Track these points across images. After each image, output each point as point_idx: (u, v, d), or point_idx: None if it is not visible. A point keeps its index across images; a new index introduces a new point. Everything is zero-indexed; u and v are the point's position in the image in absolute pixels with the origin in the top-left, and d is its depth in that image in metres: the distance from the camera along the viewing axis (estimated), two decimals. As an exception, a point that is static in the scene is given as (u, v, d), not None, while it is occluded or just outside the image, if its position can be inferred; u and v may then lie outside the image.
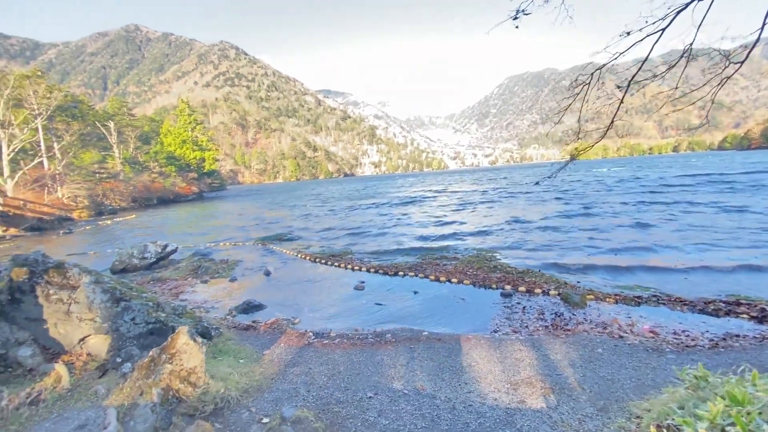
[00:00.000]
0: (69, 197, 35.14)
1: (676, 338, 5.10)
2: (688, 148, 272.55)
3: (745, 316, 5.63)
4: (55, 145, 37.22)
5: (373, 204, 31.87)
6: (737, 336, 5.01)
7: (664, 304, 6.36)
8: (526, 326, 5.85)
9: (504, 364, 4.65)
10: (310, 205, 35.66)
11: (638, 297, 6.64)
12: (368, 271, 9.65)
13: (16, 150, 30.28)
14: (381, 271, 9.46)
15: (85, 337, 4.04)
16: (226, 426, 3.64)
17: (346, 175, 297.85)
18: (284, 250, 13.11)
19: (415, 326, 6.21)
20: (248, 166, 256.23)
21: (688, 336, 5.16)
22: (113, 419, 3.19)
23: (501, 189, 36.58)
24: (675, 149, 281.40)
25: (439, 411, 3.74)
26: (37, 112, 32.57)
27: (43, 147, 34.64)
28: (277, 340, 5.89)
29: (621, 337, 5.19)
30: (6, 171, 28.72)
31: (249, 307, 7.69)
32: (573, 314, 6.16)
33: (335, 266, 10.44)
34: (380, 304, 7.38)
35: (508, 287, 7.72)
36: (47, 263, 4.07)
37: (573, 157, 4.92)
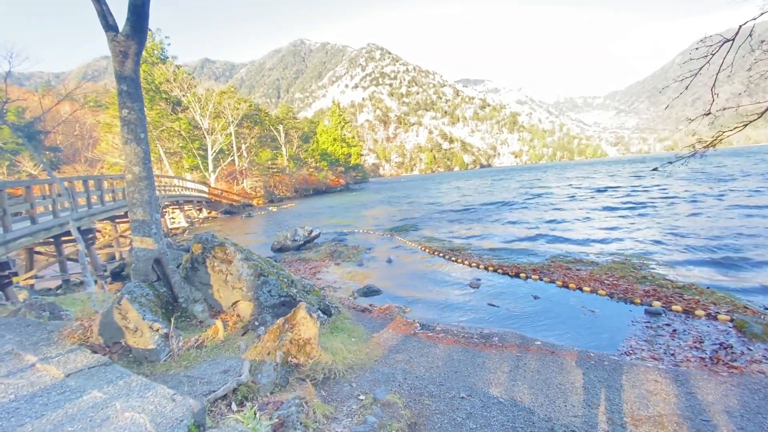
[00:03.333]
0: (251, 188, 43.90)
1: None
2: None
3: None
4: (242, 146, 46.88)
5: (502, 200, 30.14)
6: None
7: None
8: (672, 354, 4.78)
9: (629, 393, 3.94)
10: (438, 199, 35.93)
11: None
12: (486, 269, 9.29)
13: (217, 151, 39.49)
14: (500, 271, 8.99)
15: (236, 301, 5.16)
16: (329, 394, 4.12)
17: (482, 166, 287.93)
18: (407, 241, 13.68)
19: (528, 334, 5.75)
20: (388, 160, 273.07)
21: None
22: (246, 370, 3.97)
23: (673, 183, 29.77)
24: None
25: (533, 428, 3.45)
26: (230, 120, 41.61)
27: (234, 148, 44.12)
28: (386, 325, 6.29)
29: (825, 390, 3.76)
30: (210, 167, 37.88)
31: (369, 291, 8.38)
32: (748, 348, 4.74)
33: (453, 261, 10.39)
34: (493, 305, 7.06)
35: (657, 303, 6.39)
36: (214, 242, 5.34)
37: (710, 143, 3.74)
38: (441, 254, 11.11)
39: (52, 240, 10.77)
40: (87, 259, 9.72)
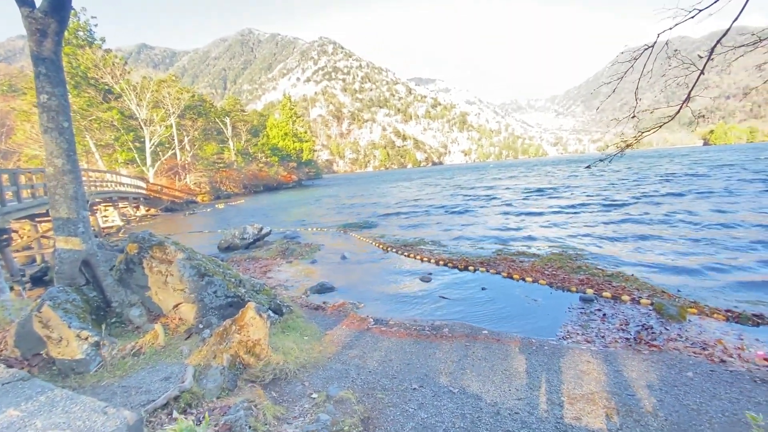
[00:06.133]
0: (195, 183, 41.46)
1: (805, 372, 4.07)
2: None
3: None
4: (185, 139, 44.05)
5: (452, 197, 31.19)
6: None
7: (797, 327, 5.10)
8: (603, 336, 5.24)
9: (566, 374, 4.25)
10: (391, 196, 36.37)
11: (758, 315, 5.42)
12: (437, 263, 9.56)
13: (156, 144, 36.72)
14: (450, 264, 9.29)
15: (178, 304, 4.85)
16: (280, 395, 4.02)
17: (434, 163, 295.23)
18: (361, 238, 13.69)
19: (476, 324, 6.01)
20: (342, 156, 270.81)
21: (825, 371, 4.07)
22: (190, 376, 3.76)
23: (603, 180, 32.61)
24: None
25: (481, 414, 3.61)
26: (171, 111, 38.88)
27: (176, 141, 41.33)
28: (340, 322, 6.25)
29: (723, 361, 4.32)
30: (149, 161, 35.17)
31: (322, 289, 8.27)
32: (665, 328, 5.31)
33: (405, 256, 10.57)
34: (444, 298, 7.29)
35: (589, 291, 6.96)
36: (152, 241, 4.96)
37: (629, 144, 4.19)
38: (394, 250, 11.24)
39: (-46, 242, 9.43)
40: (1, 263, 8.63)
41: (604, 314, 5.98)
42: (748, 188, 19.92)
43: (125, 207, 26.98)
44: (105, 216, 23.80)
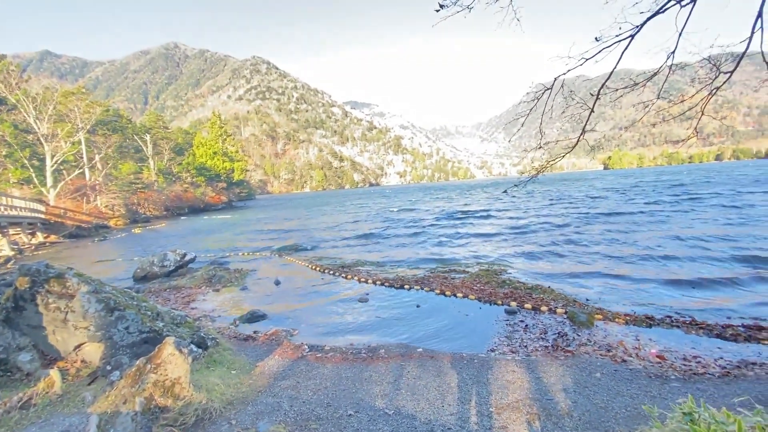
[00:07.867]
0: (106, 206, 37.25)
1: (685, 365, 4.76)
2: (732, 157, 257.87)
3: (766, 342, 5.19)
4: (96, 156, 39.66)
5: (388, 218, 31.93)
6: (753, 364, 4.61)
7: (677, 326, 5.96)
8: (525, 346, 5.63)
9: (493, 385, 4.48)
10: (327, 217, 36.13)
11: (650, 318, 6.26)
12: (374, 283, 9.61)
13: (59, 161, 32.51)
14: (387, 284, 9.40)
15: (81, 344, 4.25)
16: (204, 438, 3.68)
17: (371, 184, 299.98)
18: (297, 261, 13.31)
19: (411, 342, 6.10)
20: (277, 176, 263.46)
21: (699, 362, 4.80)
22: (93, 426, 3.30)
23: (524, 201, 35.78)
24: (718, 158, 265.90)
25: (415, 433, 3.64)
26: (80, 125, 34.92)
27: (85, 158, 37.03)
28: (272, 352, 5.94)
29: (624, 361, 4.89)
30: (49, 181, 30.90)
31: (253, 317, 7.82)
32: (577, 335, 5.88)
33: (343, 278, 10.48)
34: (381, 318, 7.32)
35: (513, 304, 7.47)
36: (48, 273, 4.33)
37: (539, 171, 4.78)
38: (331, 272, 11.09)
39: None
40: None
41: (526, 325, 6.45)
42: (646, 208, 23.19)
43: (17, 234, 23.26)
44: (-11, 245, 20.23)
